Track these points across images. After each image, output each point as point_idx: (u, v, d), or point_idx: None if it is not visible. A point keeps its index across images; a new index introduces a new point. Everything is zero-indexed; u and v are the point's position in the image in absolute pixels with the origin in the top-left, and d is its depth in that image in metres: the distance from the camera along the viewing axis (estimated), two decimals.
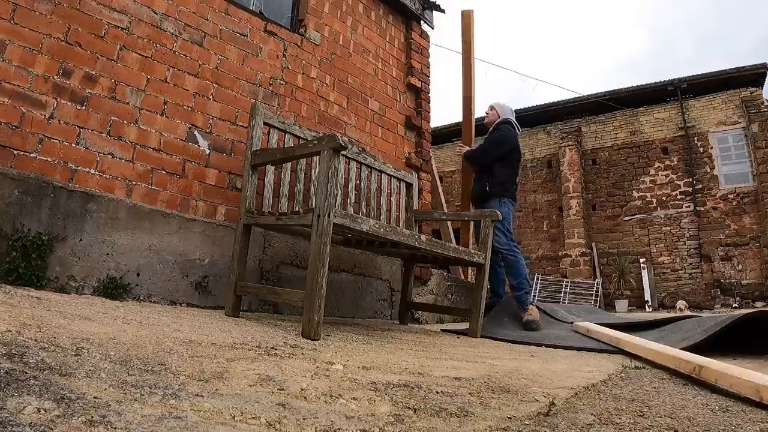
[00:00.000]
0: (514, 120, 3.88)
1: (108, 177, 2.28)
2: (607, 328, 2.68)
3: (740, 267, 11.52)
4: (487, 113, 3.97)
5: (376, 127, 3.76)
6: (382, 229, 2.13)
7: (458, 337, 2.76)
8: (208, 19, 2.80)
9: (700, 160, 12.57)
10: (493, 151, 3.73)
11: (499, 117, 3.84)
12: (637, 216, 13.00)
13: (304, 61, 3.30)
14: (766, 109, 11.78)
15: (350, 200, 3.05)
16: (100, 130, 2.28)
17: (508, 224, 3.62)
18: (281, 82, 3.13)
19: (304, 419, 0.76)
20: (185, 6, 2.70)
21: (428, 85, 4.27)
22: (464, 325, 3.33)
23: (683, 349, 1.91)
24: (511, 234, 3.66)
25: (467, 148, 4.12)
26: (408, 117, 4.04)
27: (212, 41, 2.80)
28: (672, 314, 5.68)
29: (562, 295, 12.17)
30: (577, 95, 14.76)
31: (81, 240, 2.11)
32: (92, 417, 0.63)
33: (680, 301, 9.99)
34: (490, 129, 3.88)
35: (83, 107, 2.24)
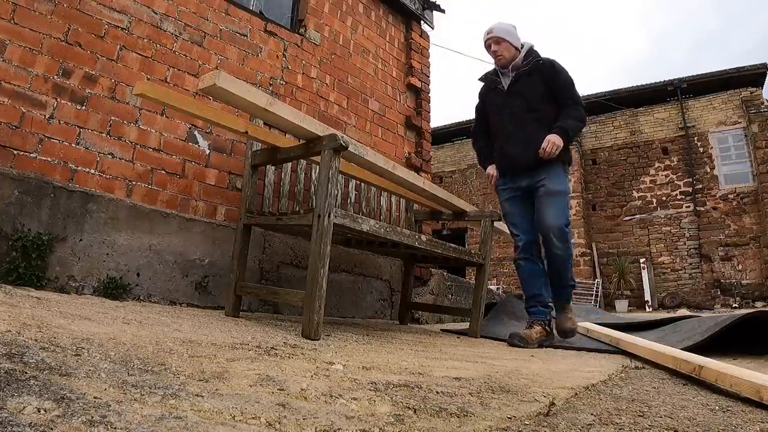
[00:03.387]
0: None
1: (108, 177, 2.28)
2: (607, 329, 2.68)
3: (740, 267, 11.53)
4: (495, 51, 2.74)
5: (376, 127, 3.76)
6: (382, 230, 2.13)
7: (458, 337, 2.76)
8: (208, 19, 2.80)
9: (700, 160, 12.58)
10: (578, 96, 2.69)
11: (518, 47, 2.75)
12: (637, 216, 13.00)
13: (304, 61, 3.30)
14: (766, 109, 11.79)
15: (350, 200, 3.05)
16: (100, 130, 2.28)
17: (566, 200, 2.71)
18: (281, 82, 3.13)
19: (304, 419, 0.76)
20: (185, 6, 2.70)
21: (428, 85, 4.27)
22: (464, 325, 3.33)
23: (683, 349, 1.91)
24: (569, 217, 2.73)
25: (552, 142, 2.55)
26: (408, 117, 4.04)
27: (212, 41, 2.80)
28: (672, 314, 5.68)
29: None
30: None
31: (81, 240, 2.11)
32: (92, 417, 0.63)
33: (681, 310, 9.98)
34: (518, 67, 2.72)
35: (83, 107, 2.24)
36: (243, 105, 1.83)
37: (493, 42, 2.73)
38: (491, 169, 2.86)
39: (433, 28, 4.42)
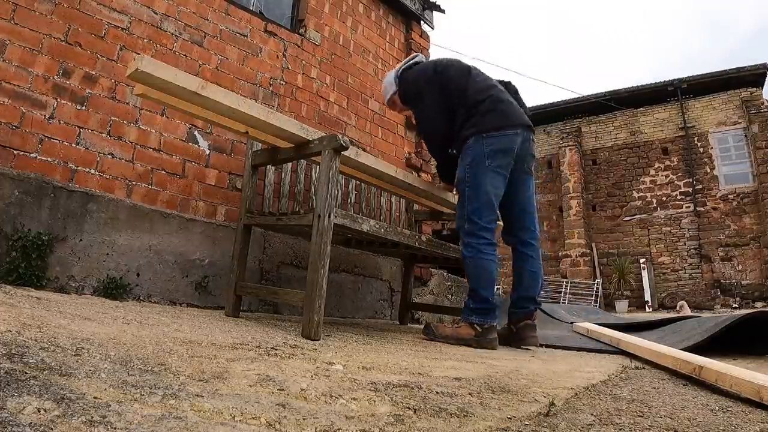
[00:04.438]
0: (416, 61, 2.68)
1: (108, 177, 2.28)
2: (607, 329, 2.69)
3: (740, 267, 11.53)
4: (390, 105, 2.79)
5: (376, 127, 3.76)
6: (382, 230, 2.13)
7: None
8: (208, 20, 2.80)
9: (700, 160, 12.58)
10: (422, 115, 2.50)
11: (396, 86, 2.64)
12: (637, 216, 13.01)
13: (304, 61, 3.30)
14: (766, 110, 11.79)
15: (350, 200, 3.05)
16: (100, 130, 2.29)
17: (470, 185, 2.29)
18: (281, 82, 3.13)
19: (304, 419, 0.76)
20: (185, 6, 2.70)
21: None
22: None
23: (683, 349, 1.91)
24: (481, 201, 2.26)
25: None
26: (408, 117, 4.04)
27: (212, 41, 2.80)
28: (672, 315, 5.68)
29: (562, 295, 12.19)
30: (577, 95, 14.79)
31: (81, 240, 2.11)
32: (92, 417, 0.63)
33: (681, 302, 10.00)
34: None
35: (83, 107, 2.24)
36: (174, 90, 1.69)
37: (391, 108, 2.83)
38: None
39: (433, 29, 4.42)
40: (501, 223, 2.59)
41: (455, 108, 2.40)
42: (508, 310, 2.48)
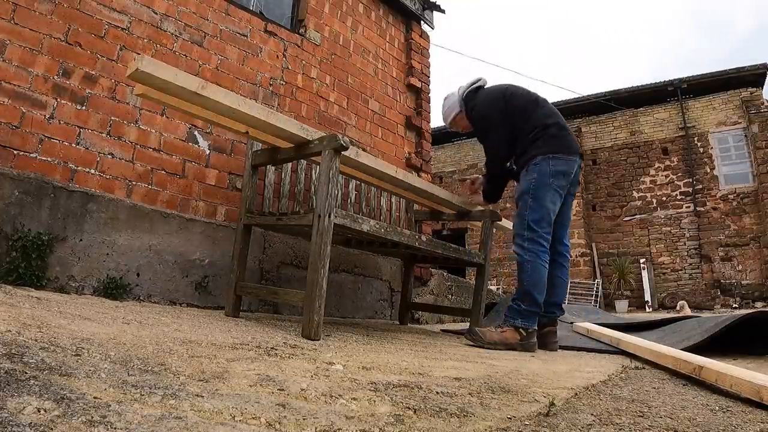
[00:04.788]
0: (479, 84, 2.79)
1: (108, 177, 2.28)
2: (607, 329, 2.69)
3: (740, 267, 11.52)
4: (457, 131, 2.98)
5: (376, 127, 3.76)
6: (382, 230, 2.13)
7: (458, 337, 2.76)
8: (208, 20, 2.80)
9: (700, 160, 12.57)
10: (491, 139, 2.64)
11: (459, 107, 2.79)
12: (637, 216, 13.00)
13: (304, 61, 3.30)
14: (766, 110, 11.78)
15: (350, 200, 3.05)
16: (100, 130, 2.29)
17: (533, 198, 2.42)
18: (281, 82, 3.13)
19: (304, 419, 0.76)
20: (185, 6, 2.70)
21: (428, 85, 4.27)
22: (464, 325, 3.33)
23: (683, 349, 1.91)
24: (542, 214, 2.40)
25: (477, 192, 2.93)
26: (408, 117, 4.04)
27: (212, 41, 2.80)
28: (672, 315, 5.68)
29: None
30: (577, 95, 14.77)
31: (81, 240, 2.11)
32: (92, 417, 0.63)
33: (681, 302, 10.00)
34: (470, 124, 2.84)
35: (83, 107, 2.24)
36: (174, 90, 1.69)
37: (451, 127, 2.95)
38: None
39: (433, 29, 4.42)
40: None
41: (518, 130, 2.57)
42: None
